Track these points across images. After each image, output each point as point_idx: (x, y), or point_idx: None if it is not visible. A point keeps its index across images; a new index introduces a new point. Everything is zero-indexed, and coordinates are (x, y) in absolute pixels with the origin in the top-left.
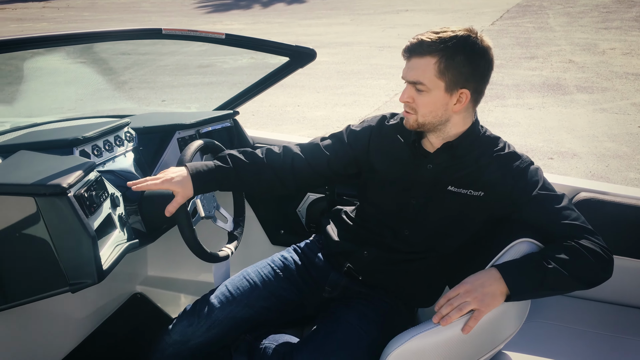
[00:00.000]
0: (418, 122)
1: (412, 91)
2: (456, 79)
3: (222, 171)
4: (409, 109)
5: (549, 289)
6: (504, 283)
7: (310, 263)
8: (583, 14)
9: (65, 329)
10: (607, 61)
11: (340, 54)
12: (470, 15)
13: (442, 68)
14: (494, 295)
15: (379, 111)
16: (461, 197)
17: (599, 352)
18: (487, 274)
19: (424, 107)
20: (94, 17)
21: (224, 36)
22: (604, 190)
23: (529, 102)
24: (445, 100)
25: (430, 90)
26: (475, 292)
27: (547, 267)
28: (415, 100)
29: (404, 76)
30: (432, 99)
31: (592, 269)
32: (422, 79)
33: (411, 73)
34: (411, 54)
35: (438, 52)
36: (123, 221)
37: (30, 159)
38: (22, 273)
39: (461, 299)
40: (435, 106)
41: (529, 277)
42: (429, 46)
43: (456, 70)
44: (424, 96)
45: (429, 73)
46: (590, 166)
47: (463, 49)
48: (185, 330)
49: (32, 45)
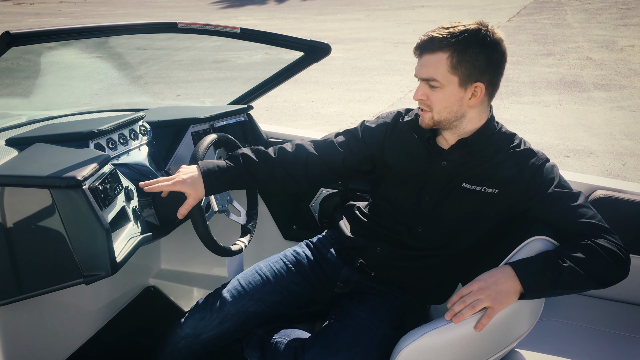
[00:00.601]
0: (434, 119)
1: (425, 88)
2: (470, 72)
3: (233, 171)
4: (424, 106)
5: (563, 287)
6: (518, 281)
7: (322, 258)
8: (601, 11)
9: (78, 321)
10: (626, 58)
11: (355, 49)
12: (486, 12)
13: (455, 63)
14: (508, 293)
15: (393, 107)
16: (476, 194)
17: (612, 351)
18: (501, 271)
19: (439, 103)
20: (111, 12)
21: (239, 30)
22: (620, 188)
23: (545, 99)
24: (460, 95)
25: (444, 86)
26: (489, 289)
27: (562, 265)
28: (430, 98)
29: (417, 74)
30: (447, 95)
31: (608, 268)
32: (435, 75)
33: (424, 70)
34: (422, 51)
35: (449, 47)
36: (137, 214)
37: (46, 151)
38: (36, 264)
39: (474, 296)
40: (450, 102)
41: (543, 276)
42: (439, 42)
43: (469, 63)
44: (438, 92)
45: (442, 69)
46: (606, 164)
47: (475, 43)
48: (198, 323)
49: (50, 38)
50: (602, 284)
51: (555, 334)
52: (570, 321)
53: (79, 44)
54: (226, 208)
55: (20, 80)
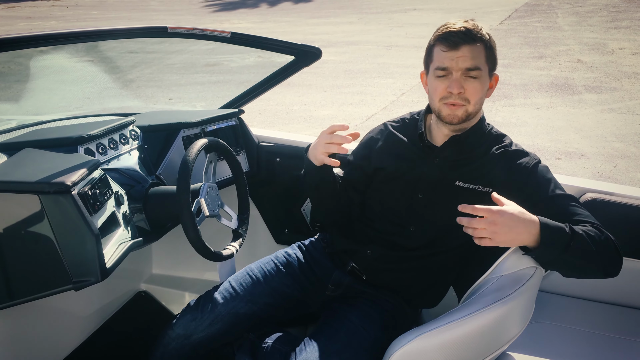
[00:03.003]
0: (468, 112)
1: (462, 80)
2: (492, 64)
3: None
4: (461, 99)
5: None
6: (534, 240)
7: (313, 261)
8: (592, 14)
9: (69, 327)
10: (616, 61)
11: (347, 52)
12: (478, 15)
13: (487, 54)
14: (513, 241)
15: (386, 110)
16: (470, 192)
17: (603, 353)
18: (529, 224)
19: (476, 94)
20: (103, 16)
21: (230, 35)
22: (610, 190)
23: (537, 101)
24: (486, 85)
25: (482, 75)
26: (504, 228)
27: (575, 232)
28: (467, 89)
29: (456, 65)
30: (482, 84)
31: (613, 255)
32: (479, 64)
33: (467, 60)
34: (462, 43)
35: (483, 37)
36: (127, 219)
37: (35, 156)
38: (26, 270)
39: (492, 226)
40: (483, 92)
41: (559, 234)
42: (476, 33)
43: (492, 55)
44: (476, 83)
45: (482, 58)
46: (598, 166)
47: (490, 37)
48: (188, 324)
49: (40, 43)
50: (604, 268)
51: (546, 337)
52: (560, 324)
53: (70, 47)
54: (217, 212)
55: (11, 83)
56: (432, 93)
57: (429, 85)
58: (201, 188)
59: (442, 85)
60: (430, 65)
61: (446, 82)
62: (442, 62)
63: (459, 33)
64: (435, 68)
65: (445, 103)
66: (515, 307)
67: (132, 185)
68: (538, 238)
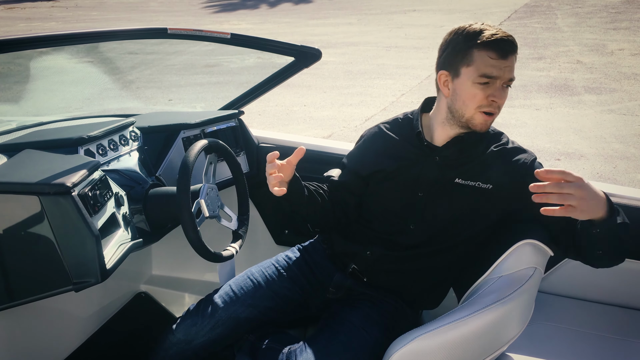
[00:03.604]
0: (495, 119)
1: (501, 89)
2: None
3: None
4: (495, 108)
5: (622, 229)
6: (604, 211)
7: (314, 263)
8: (591, 15)
9: (69, 328)
10: (616, 62)
11: (347, 54)
12: (478, 16)
13: None
14: (596, 209)
15: (386, 111)
16: (470, 189)
17: (602, 354)
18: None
19: (505, 102)
20: (102, 17)
21: (229, 36)
22: (610, 191)
23: (537, 102)
24: None
25: None
26: (586, 198)
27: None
28: (502, 99)
29: (503, 74)
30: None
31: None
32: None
33: (512, 71)
34: (510, 52)
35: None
36: (127, 220)
37: (35, 158)
38: (26, 271)
39: (572, 189)
40: None
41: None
42: (515, 43)
43: None
44: (508, 91)
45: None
46: (597, 167)
47: None
48: (189, 329)
49: (40, 45)
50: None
51: (546, 338)
52: (560, 324)
53: (70, 48)
54: (217, 213)
55: (11, 85)
56: (467, 99)
57: (463, 90)
58: (201, 189)
59: (483, 93)
60: (464, 69)
61: (488, 91)
62: (489, 70)
63: (508, 42)
64: (479, 75)
65: (482, 111)
66: (514, 308)
67: (132, 187)
68: (606, 207)
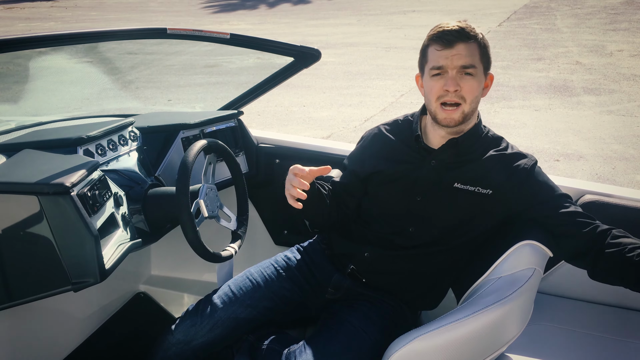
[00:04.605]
0: (464, 112)
1: (458, 78)
2: (487, 62)
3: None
4: (457, 98)
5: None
6: None
7: (313, 263)
8: (591, 16)
9: (68, 328)
10: (615, 63)
11: (346, 54)
12: (477, 17)
13: (481, 52)
14: None
15: (385, 112)
16: (469, 194)
17: (601, 355)
18: None
19: (472, 92)
20: (102, 17)
21: (229, 36)
22: (608, 192)
23: (536, 103)
24: (482, 83)
25: (477, 73)
26: None
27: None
28: (463, 87)
29: (451, 63)
30: (477, 83)
31: None
32: (474, 62)
33: (462, 58)
34: (456, 41)
35: (476, 37)
36: (126, 220)
37: (34, 157)
38: (25, 271)
39: None
40: (478, 90)
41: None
42: (469, 32)
43: (486, 54)
44: (472, 80)
45: (476, 56)
46: (596, 168)
47: (483, 36)
48: (188, 330)
49: (39, 44)
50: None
51: (545, 338)
52: (559, 325)
53: (69, 48)
54: (216, 214)
55: (10, 85)
56: (428, 94)
57: (425, 86)
58: (200, 189)
59: (437, 85)
60: (425, 67)
61: (442, 81)
62: (437, 61)
63: (452, 32)
64: (430, 68)
65: (442, 105)
66: (514, 309)
67: (131, 187)
68: None
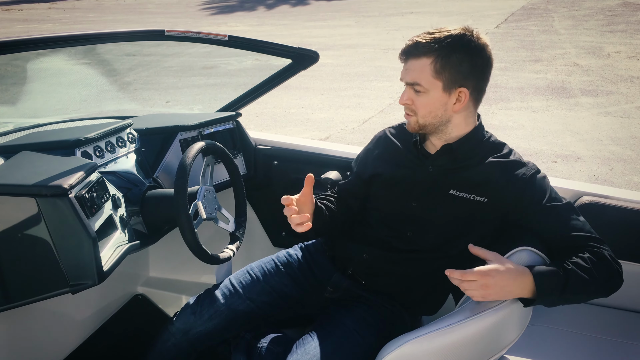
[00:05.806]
0: (419, 123)
1: (410, 93)
2: (454, 77)
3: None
4: (409, 110)
5: (572, 292)
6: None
7: (314, 262)
8: (588, 17)
9: (66, 330)
10: (612, 64)
11: (344, 56)
12: (475, 18)
13: (439, 68)
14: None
15: (383, 113)
16: (464, 201)
17: (601, 356)
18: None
19: (423, 108)
20: (100, 18)
21: (227, 38)
22: (606, 194)
23: (533, 105)
24: (444, 100)
25: (428, 90)
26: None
27: (569, 270)
28: (415, 102)
29: (402, 78)
30: (431, 100)
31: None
32: (419, 80)
33: (409, 75)
34: (408, 56)
35: (433, 52)
36: (124, 222)
37: (32, 159)
38: (23, 273)
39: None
40: (434, 106)
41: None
42: (423, 47)
43: (453, 69)
44: (422, 97)
45: (426, 74)
46: (594, 170)
47: (459, 48)
48: (188, 317)
49: (37, 46)
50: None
51: (545, 340)
52: (559, 327)
53: (67, 50)
54: (214, 215)
55: (8, 86)
56: None
57: None
58: (198, 191)
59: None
60: None
61: None
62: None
63: (409, 46)
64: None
65: (405, 111)
66: (512, 312)
67: (129, 188)
68: (533, 288)
